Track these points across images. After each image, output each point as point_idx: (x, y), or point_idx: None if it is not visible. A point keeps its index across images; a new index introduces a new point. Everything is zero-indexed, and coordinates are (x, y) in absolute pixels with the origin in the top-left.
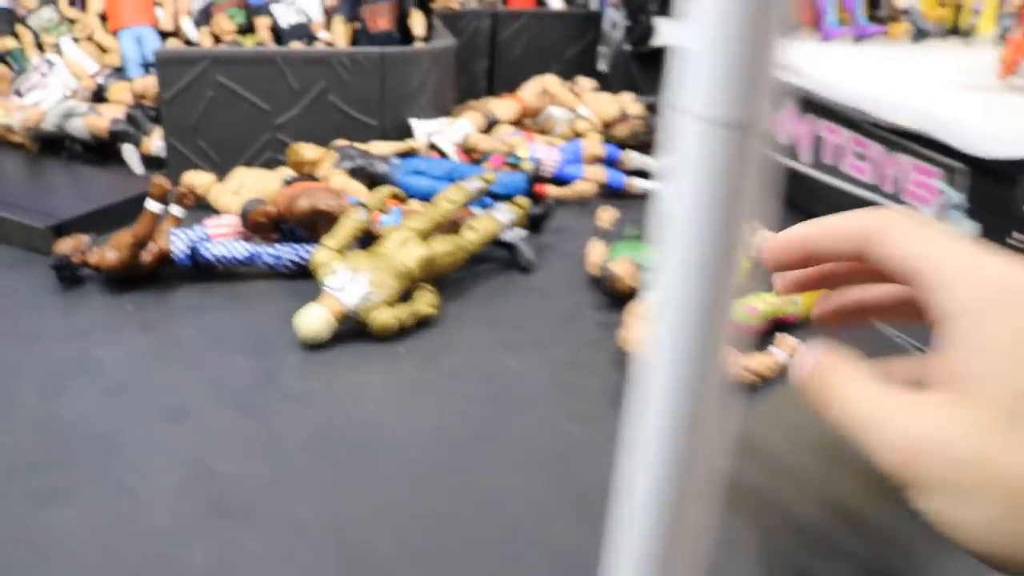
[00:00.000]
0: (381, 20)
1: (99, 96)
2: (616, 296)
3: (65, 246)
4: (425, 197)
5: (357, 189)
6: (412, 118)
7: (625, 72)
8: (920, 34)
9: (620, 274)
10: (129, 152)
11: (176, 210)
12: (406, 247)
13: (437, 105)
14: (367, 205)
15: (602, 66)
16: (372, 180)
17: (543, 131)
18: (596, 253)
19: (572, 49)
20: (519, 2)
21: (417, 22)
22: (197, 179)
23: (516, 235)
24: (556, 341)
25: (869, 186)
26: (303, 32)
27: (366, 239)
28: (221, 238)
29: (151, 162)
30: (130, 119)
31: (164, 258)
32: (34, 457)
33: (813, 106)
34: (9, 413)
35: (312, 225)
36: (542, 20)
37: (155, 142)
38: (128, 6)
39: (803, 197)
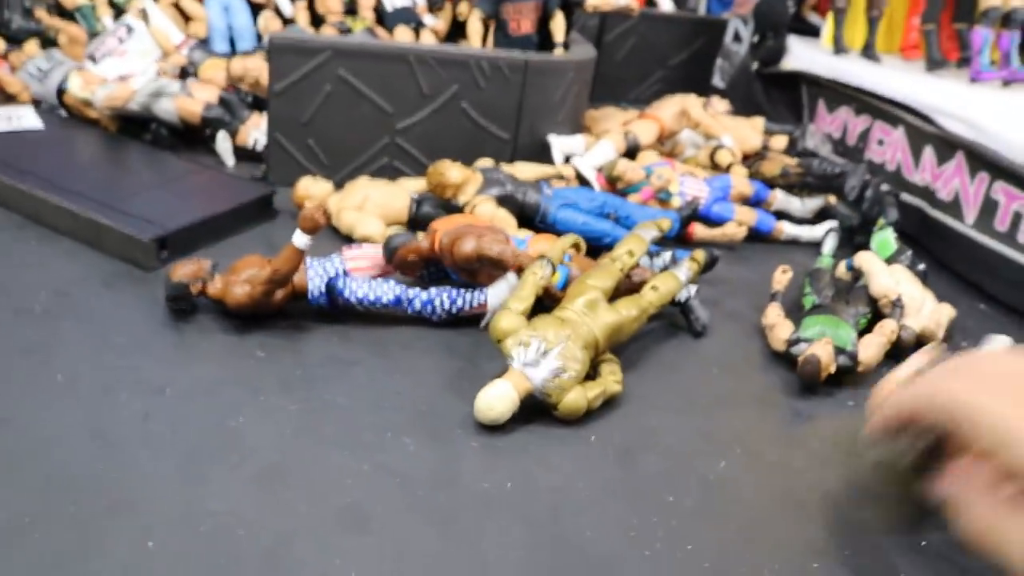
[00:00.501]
0: (525, 22)
1: (185, 72)
2: (812, 381)
3: (184, 272)
4: (580, 235)
5: (505, 220)
6: (549, 134)
7: (747, 92)
8: None
9: (824, 361)
10: (222, 142)
11: (303, 240)
12: (595, 312)
13: (573, 120)
14: (550, 259)
15: (718, 81)
16: (521, 210)
17: (672, 154)
18: (780, 327)
19: (679, 56)
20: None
21: (559, 26)
22: (313, 187)
23: (689, 292)
24: (758, 437)
25: None
26: (409, 16)
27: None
28: (359, 272)
29: (244, 154)
30: (223, 103)
31: (297, 295)
32: (198, 574)
33: (990, 165)
34: (153, 501)
35: (473, 270)
36: (651, 22)
37: (251, 132)
38: None
39: (960, 260)
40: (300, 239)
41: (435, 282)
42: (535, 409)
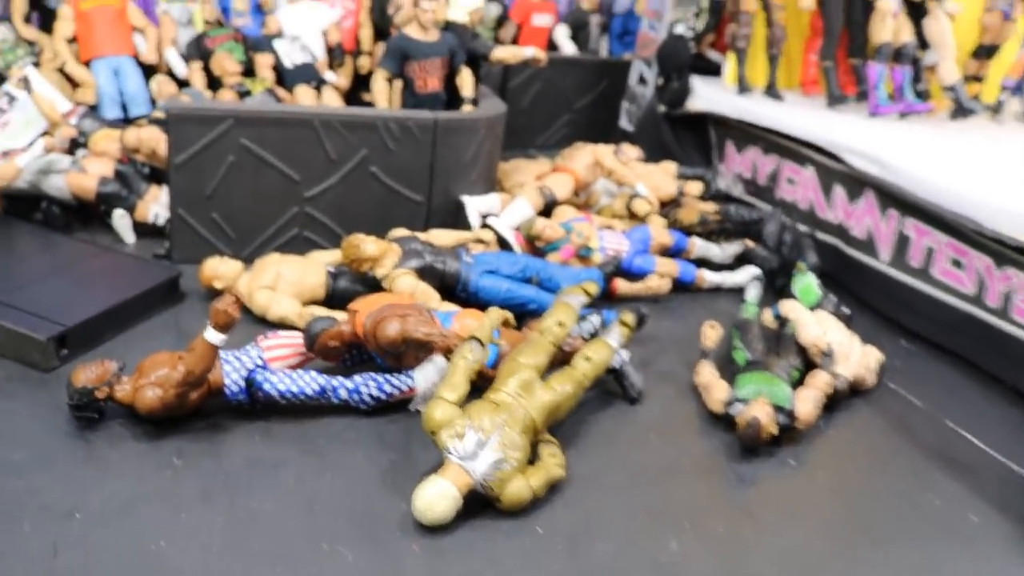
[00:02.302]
0: (432, 79)
1: (76, 143)
2: (753, 444)
3: (88, 376)
4: (504, 303)
5: (427, 293)
6: (463, 194)
7: (655, 134)
8: (961, 111)
9: (764, 423)
10: (120, 219)
11: (217, 337)
12: (530, 392)
13: (487, 177)
14: (479, 339)
15: (626, 124)
16: (442, 280)
17: (587, 204)
18: (715, 387)
19: (584, 99)
20: (529, 43)
21: (467, 81)
22: (222, 267)
23: (622, 357)
24: (705, 509)
25: (967, 296)
26: (310, 73)
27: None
28: (279, 361)
29: (144, 230)
30: (119, 177)
31: (213, 392)
32: None
33: (898, 202)
34: None
35: (399, 354)
36: (554, 67)
37: (151, 207)
38: (103, 32)
39: (878, 297)
40: (213, 336)
41: (359, 366)
42: (477, 501)
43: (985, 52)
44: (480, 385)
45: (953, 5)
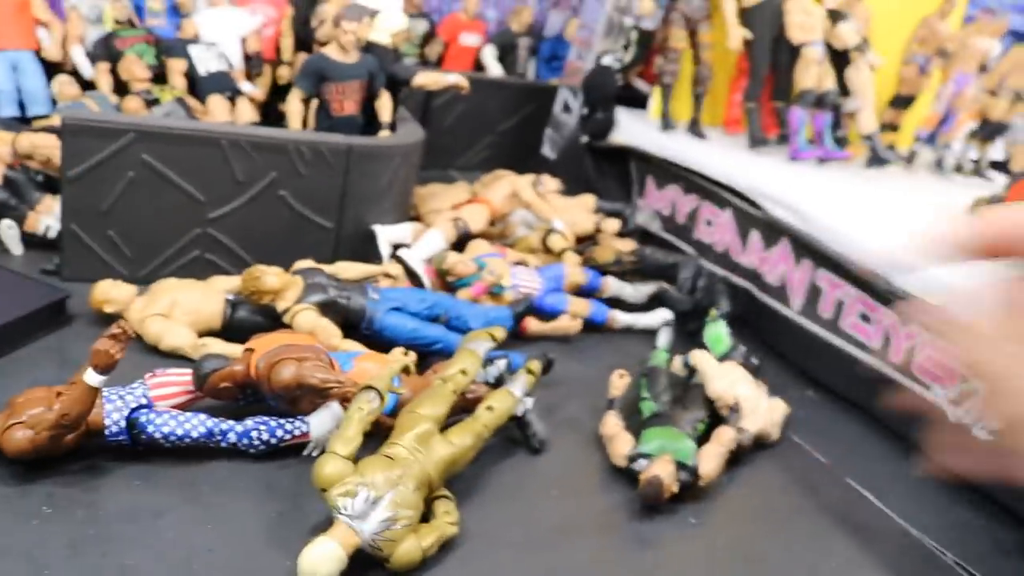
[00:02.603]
0: (349, 102)
1: None
2: (654, 503)
3: None
4: (409, 342)
5: (328, 330)
6: (375, 223)
7: (577, 165)
8: (877, 160)
9: (666, 482)
10: (7, 230)
11: (96, 379)
12: (428, 446)
13: (400, 205)
14: (377, 389)
15: (548, 151)
16: (346, 316)
17: (503, 235)
18: (619, 439)
19: (508, 122)
20: (454, 66)
21: (385, 106)
22: (113, 292)
23: (526, 406)
24: (605, 571)
25: (871, 350)
26: (225, 83)
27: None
28: (167, 400)
29: (34, 242)
30: (9, 184)
31: (93, 433)
32: None
33: (812, 252)
34: None
35: (293, 398)
36: (479, 88)
37: (42, 218)
38: (2, 23)
39: (787, 345)
40: (92, 377)
41: (253, 406)
42: (365, 560)
43: (901, 103)
44: (377, 433)
45: (875, 57)
